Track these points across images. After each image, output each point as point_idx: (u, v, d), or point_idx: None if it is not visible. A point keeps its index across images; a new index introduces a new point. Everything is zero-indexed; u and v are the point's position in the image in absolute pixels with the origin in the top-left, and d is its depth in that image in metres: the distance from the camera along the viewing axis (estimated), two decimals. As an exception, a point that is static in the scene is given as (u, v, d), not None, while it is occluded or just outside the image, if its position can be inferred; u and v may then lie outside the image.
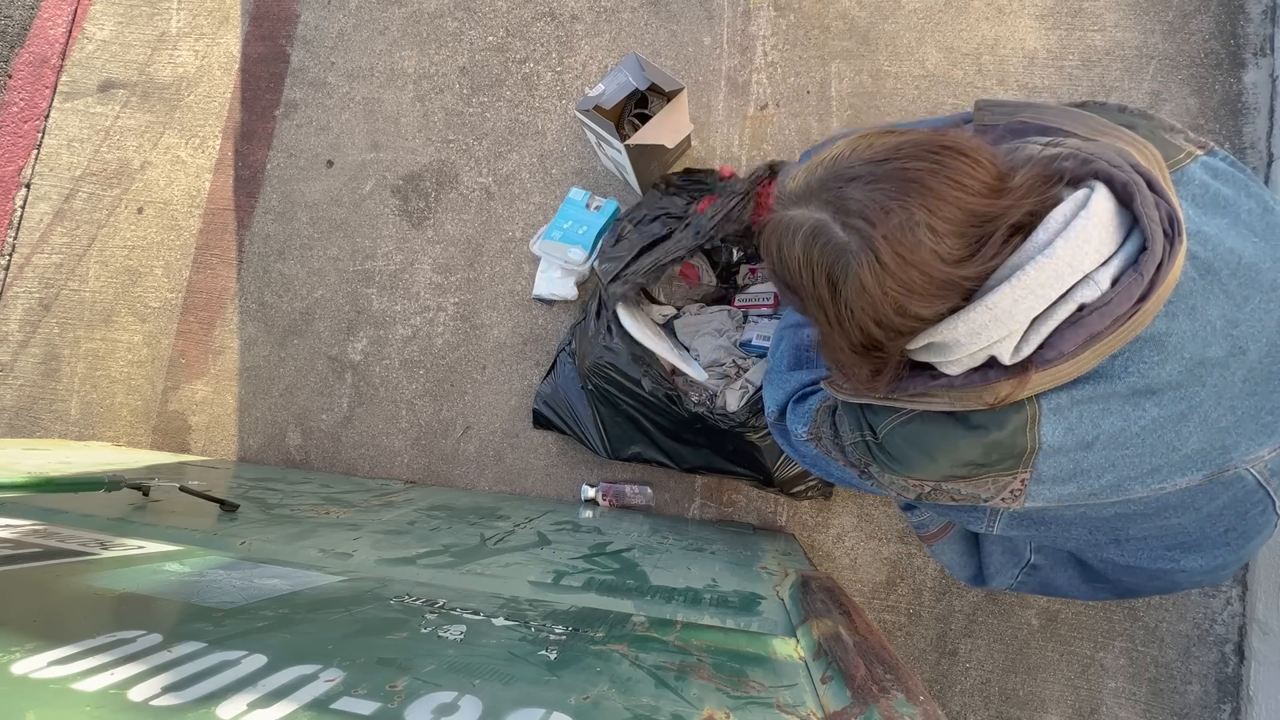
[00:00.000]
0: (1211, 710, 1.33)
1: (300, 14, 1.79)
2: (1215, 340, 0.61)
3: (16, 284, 1.75)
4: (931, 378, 0.66)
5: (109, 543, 0.80)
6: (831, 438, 0.82)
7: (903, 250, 0.56)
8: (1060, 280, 0.56)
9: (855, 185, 0.58)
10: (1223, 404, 0.62)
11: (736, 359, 1.36)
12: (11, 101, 1.81)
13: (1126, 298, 0.56)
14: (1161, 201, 0.58)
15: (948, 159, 0.57)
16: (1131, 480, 0.65)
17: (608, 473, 1.52)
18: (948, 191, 0.56)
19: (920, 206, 0.56)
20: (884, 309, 0.59)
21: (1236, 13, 1.50)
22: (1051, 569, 0.93)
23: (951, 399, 0.65)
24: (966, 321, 0.58)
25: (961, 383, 0.63)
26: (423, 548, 0.95)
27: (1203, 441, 0.63)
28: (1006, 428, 0.64)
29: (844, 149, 0.62)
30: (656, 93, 1.42)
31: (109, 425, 1.68)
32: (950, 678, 1.38)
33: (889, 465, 0.74)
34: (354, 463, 1.60)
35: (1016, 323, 0.57)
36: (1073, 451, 0.64)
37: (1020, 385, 0.60)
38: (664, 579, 0.91)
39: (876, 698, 0.53)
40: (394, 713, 0.46)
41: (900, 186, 0.56)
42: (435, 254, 1.65)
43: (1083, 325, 0.57)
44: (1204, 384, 0.61)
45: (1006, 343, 0.59)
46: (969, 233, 0.57)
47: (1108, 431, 0.62)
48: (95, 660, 0.49)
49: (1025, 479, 0.66)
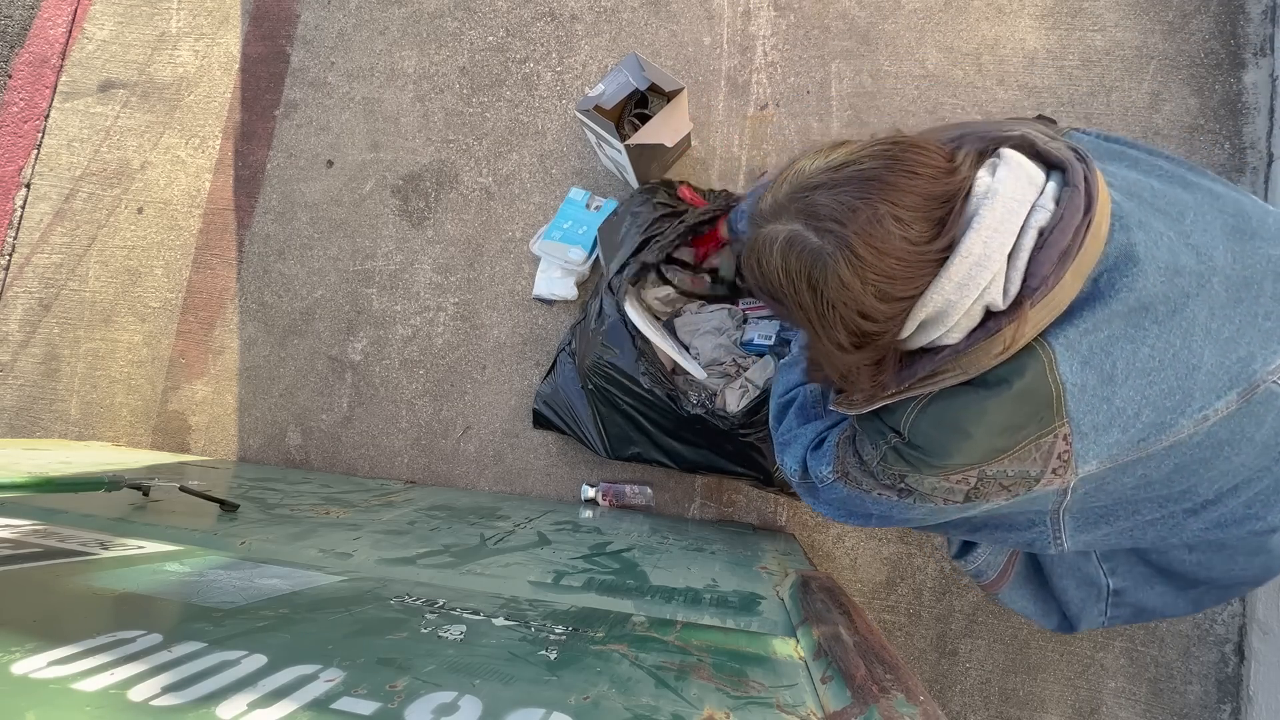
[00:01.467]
0: (1211, 710, 1.33)
1: (300, 14, 1.79)
2: (1179, 249, 0.65)
3: (16, 284, 1.75)
4: (934, 353, 0.66)
5: (109, 543, 0.80)
6: (858, 465, 0.80)
7: (874, 242, 0.60)
8: (1013, 214, 0.61)
9: (820, 192, 0.62)
10: (1216, 314, 0.65)
11: (736, 358, 1.36)
12: (11, 101, 1.81)
13: (1074, 209, 0.61)
14: (1058, 140, 0.66)
15: (899, 152, 0.62)
16: (1171, 412, 0.65)
17: (608, 473, 1.52)
18: (904, 182, 0.61)
19: (883, 200, 0.60)
20: (867, 300, 0.62)
21: (1236, 13, 1.50)
22: (1137, 589, 0.89)
23: (963, 366, 0.66)
24: (950, 276, 0.61)
25: (966, 344, 0.64)
26: (423, 548, 0.95)
27: (1216, 355, 0.65)
28: (1026, 374, 0.64)
29: (804, 164, 0.66)
30: (656, 93, 1.42)
31: (109, 425, 1.68)
32: (950, 678, 1.38)
33: (923, 461, 0.71)
34: (354, 463, 1.60)
35: (995, 263, 0.61)
36: (1099, 388, 0.64)
37: (1021, 322, 0.62)
38: (664, 579, 0.91)
39: (876, 698, 0.53)
40: (394, 713, 0.46)
41: (861, 186, 0.61)
42: (435, 254, 1.65)
43: (1050, 244, 0.61)
44: (1188, 295, 0.64)
45: (995, 285, 0.61)
46: (933, 214, 0.61)
47: (1123, 359, 0.64)
48: (95, 660, 0.49)
49: (1066, 434, 0.65)
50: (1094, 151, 0.72)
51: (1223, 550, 0.79)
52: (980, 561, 1.01)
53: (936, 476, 0.72)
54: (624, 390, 1.32)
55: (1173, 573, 0.85)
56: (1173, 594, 0.87)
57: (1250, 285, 0.66)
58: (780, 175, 0.68)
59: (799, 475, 0.90)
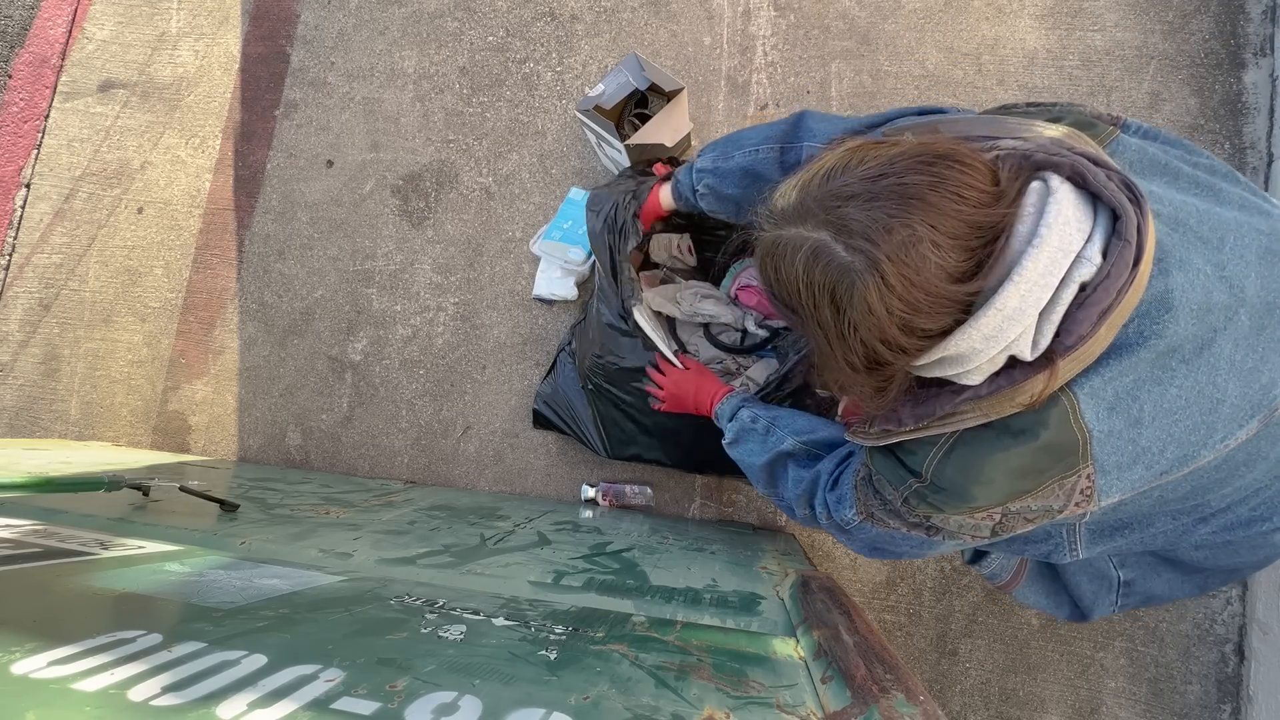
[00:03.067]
0: (1211, 710, 1.33)
1: (300, 14, 1.79)
2: (1214, 286, 0.62)
3: (16, 284, 1.75)
4: (954, 393, 0.64)
5: (109, 543, 0.80)
6: (881, 507, 0.78)
7: (907, 269, 0.56)
8: (1057, 265, 0.56)
9: (854, 204, 0.57)
10: (1240, 346, 0.63)
11: (736, 357, 1.36)
12: (11, 101, 1.81)
13: (1123, 264, 0.57)
14: (1112, 173, 0.59)
15: (945, 170, 0.57)
16: (1195, 446, 0.64)
17: (608, 473, 1.52)
18: (948, 205, 0.56)
19: (922, 222, 0.55)
20: (890, 329, 0.58)
21: (1236, 13, 1.50)
22: (1145, 579, 0.89)
23: (984, 410, 0.63)
24: (979, 328, 0.57)
25: (988, 391, 0.62)
26: (423, 548, 0.95)
27: (1240, 387, 0.63)
28: (1051, 425, 0.62)
29: (835, 164, 0.61)
30: (656, 93, 1.42)
31: (109, 425, 1.68)
32: (950, 678, 1.38)
33: (948, 504, 0.69)
34: (354, 463, 1.60)
35: (1028, 318, 0.57)
36: (1125, 431, 0.63)
37: (1052, 377, 0.59)
38: (664, 579, 0.91)
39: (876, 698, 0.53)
40: (394, 713, 0.46)
41: (901, 203, 0.56)
42: (435, 254, 1.65)
43: (1091, 303, 0.57)
44: (1216, 331, 0.62)
45: (1023, 339, 0.58)
46: (971, 244, 0.57)
47: (1150, 402, 0.62)
48: (95, 660, 0.49)
49: (1090, 474, 0.64)
50: (1136, 165, 0.69)
51: (1229, 547, 0.80)
52: (995, 566, 1.01)
53: (962, 515, 0.70)
54: (624, 390, 1.32)
55: (1179, 562, 0.86)
56: (1179, 580, 0.88)
57: (1273, 311, 0.65)
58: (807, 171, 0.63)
59: (825, 518, 0.88)
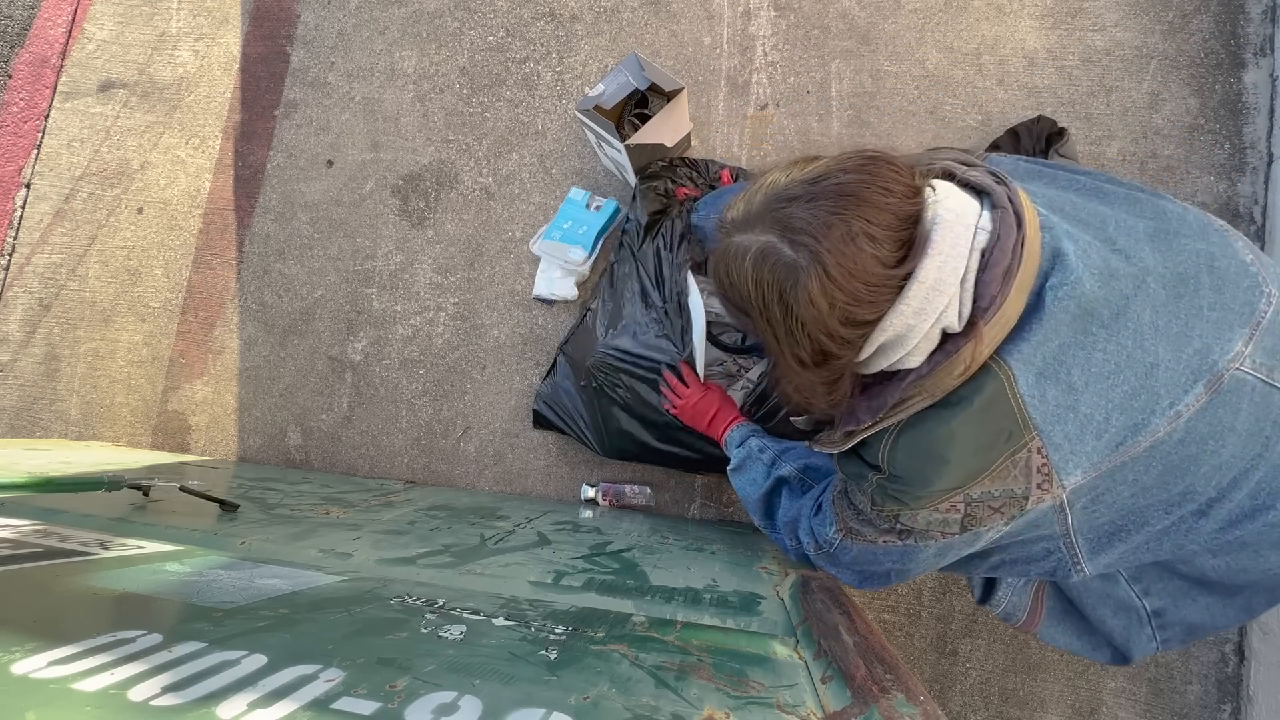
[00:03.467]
0: (1211, 710, 1.33)
1: (300, 14, 1.79)
2: (1109, 256, 0.68)
3: (16, 284, 1.75)
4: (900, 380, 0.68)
5: (109, 543, 0.80)
6: (855, 516, 0.81)
7: (846, 260, 0.61)
8: (960, 237, 0.63)
9: (797, 204, 0.63)
10: (1160, 312, 0.67)
11: (737, 358, 1.36)
12: (11, 101, 1.81)
13: (1008, 227, 0.64)
14: (978, 167, 0.69)
15: (874, 168, 0.63)
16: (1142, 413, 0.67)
17: (608, 473, 1.52)
18: (880, 199, 0.62)
19: (857, 216, 0.61)
20: (832, 322, 0.63)
21: (1236, 13, 1.50)
22: (1178, 607, 0.85)
23: (929, 390, 0.67)
24: (907, 303, 0.62)
25: (929, 368, 0.66)
26: (423, 548, 0.95)
27: (1171, 351, 0.67)
28: (986, 389, 0.66)
29: (778, 175, 0.67)
30: (656, 93, 1.42)
31: (109, 425, 1.68)
32: (950, 678, 1.38)
33: (907, 493, 0.72)
34: (354, 463, 1.60)
35: (950, 287, 0.62)
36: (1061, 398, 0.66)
37: (978, 341, 0.64)
38: (664, 579, 0.91)
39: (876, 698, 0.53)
40: (394, 713, 0.46)
41: (838, 201, 0.61)
42: (435, 254, 1.65)
43: (994, 263, 0.63)
44: (1128, 297, 0.67)
45: (950, 309, 0.63)
46: (901, 234, 0.62)
47: (1079, 367, 0.66)
48: (95, 660, 0.49)
49: (1039, 447, 0.67)
50: (1013, 172, 0.75)
51: (1247, 548, 0.76)
52: (1006, 604, 0.98)
53: (926, 509, 0.73)
54: (625, 389, 1.32)
55: (1208, 582, 0.81)
56: (1219, 604, 0.83)
57: (1186, 280, 0.69)
58: (753, 186, 0.69)
59: (814, 548, 0.91)
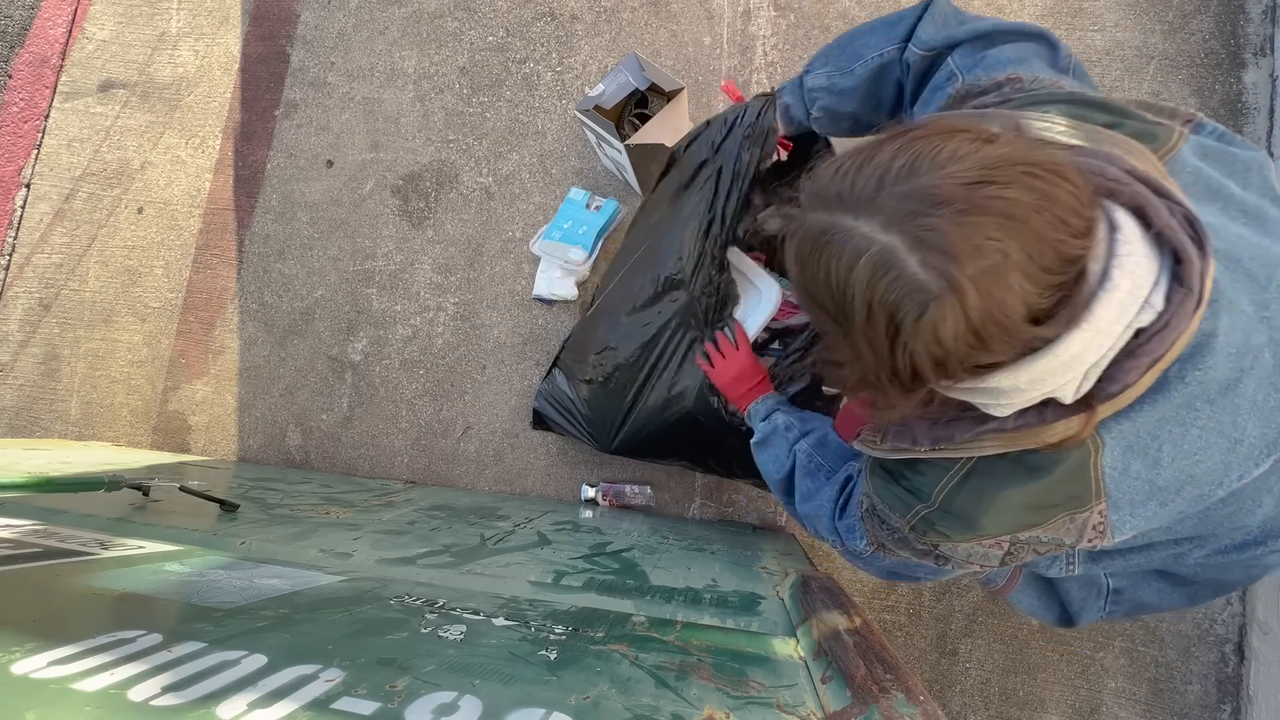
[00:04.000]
0: (1211, 710, 1.33)
1: (300, 14, 1.79)
2: (1254, 328, 0.58)
3: (16, 284, 1.75)
4: (976, 421, 0.60)
5: (109, 543, 0.80)
6: (890, 537, 0.74)
7: (991, 301, 0.48)
8: (1126, 312, 0.50)
9: (944, 212, 0.48)
10: (1263, 385, 0.60)
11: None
12: (11, 101, 1.81)
13: (1183, 314, 0.51)
14: (1175, 206, 0.54)
15: (1051, 188, 0.48)
16: (1211, 485, 0.62)
17: (608, 472, 1.52)
18: (1049, 232, 0.47)
19: (1019, 249, 0.47)
20: (946, 358, 0.51)
21: (1236, 13, 1.50)
22: (1135, 588, 0.88)
23: (1004, 442, 0.59)
24: (1029, 371, 0.52)
25: (1014, 425, 0.58)
26: (423, 548, 0.95)
27: (1259, 427, 0.60)
28: (1069, 461, 0.59)
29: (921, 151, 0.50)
30: (656, 93, 1.42)
31: (109, 425, 1.68)
32: (950, 678, 1.38)
33: (956, 531, 0.66)
34: (354, 463, 1.60)
35: (1084, 365, 0.52)
36: (1143, 472, 0.60)
37: (1088, 423, 0.55)
38: (664, 579, 0.91)
39: (876, 698, 0.53)
40: (394, 713, 0.46)
41: (1001, 222, 0.47)
42: (435, 254, 1.65)
43: (1144, 352, 0.52)
44: (1243, 371, 0.58)
45: (1069, 385, 0.53)
46: (1055, 280, 0.49)
47: (1170, 443, 0.59)
48: (95, 660, 0.49)
49: (1102, 510, 0.61)
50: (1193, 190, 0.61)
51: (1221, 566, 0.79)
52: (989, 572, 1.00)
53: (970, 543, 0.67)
54: (625, 388, 1.32)
55: (1170, 573, 0.86)
56: (1169, 590, 0.87)
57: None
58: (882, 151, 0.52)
59: (840, 548, 0.87)
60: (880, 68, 0.91)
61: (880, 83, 0.92)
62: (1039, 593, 0.98)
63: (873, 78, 0.92)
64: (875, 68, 0.91)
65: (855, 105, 0.96)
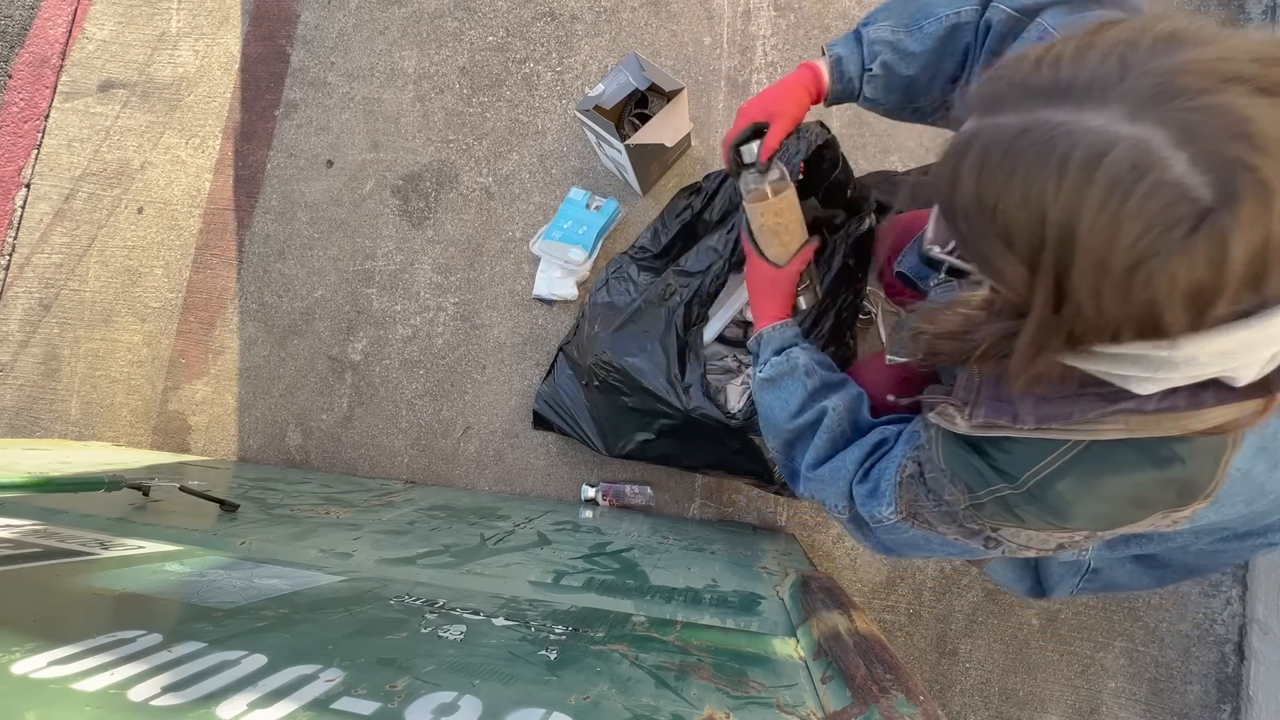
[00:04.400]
0: (1211, 710, 1.33)
1: (300, 14, 1.79)
2: None
3: (16, 284, 1.75)
4: (1106, 400, 0.49)
5: (109, 543, 0.80)
6: (935, 509, 0.66)
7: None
8: None
9: (1231, 90, 0.35)
10: None
11: (738, 353, 1.36)
12: (11, 101, 1.81)
13: None
14: None
15: None
16: None
17: (608, 472, 1.52)
18: None
19: None
20: (1216, 297, 0.38)
21: (1236, 13, 1.50)
22: (1111, 570, 0.84)
23: (1132, 426, 0.49)
24: (1220, 342, 0.40)
25: (1156, 407, 0.47)
26: (423, 548, 0.95)
27: None
28: (1205, 454, 0.50)
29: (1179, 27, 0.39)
30: (656, 93, 1.42)
31: (109, 425, 1.68)
32: (950, 678, 1.38)
33: (1037, 518, 0.58)
34: (354, 463, 1.60)
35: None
36: (1264, 473, 0.55)
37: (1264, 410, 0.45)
38: (664, 579, 0.91)
39: (876, 698, 0.53)
40: (394, 713, 0.46)
41: None
42: (435, 254, 1.65)
43: None
44: None
45: (1256, 364, 0.43)
46: None
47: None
48: (95, 660, 0.49)
49: (1198, 508, 0.54)
50: None
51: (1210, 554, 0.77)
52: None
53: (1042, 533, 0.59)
54: (624, 388, 1.32)
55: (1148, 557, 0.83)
56: (1140, 572, 0.84)
57: None
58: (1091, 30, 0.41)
59: (846, 512, 0.77)
60: (953, 28, 0.76)
61: (947, 46, 0.78)
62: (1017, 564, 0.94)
63: (943, 38, 0.77)
64: (948, 27, 0.77)
65: (917, 69, 0.80)
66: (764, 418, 0.88)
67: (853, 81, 0.85)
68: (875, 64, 0.82)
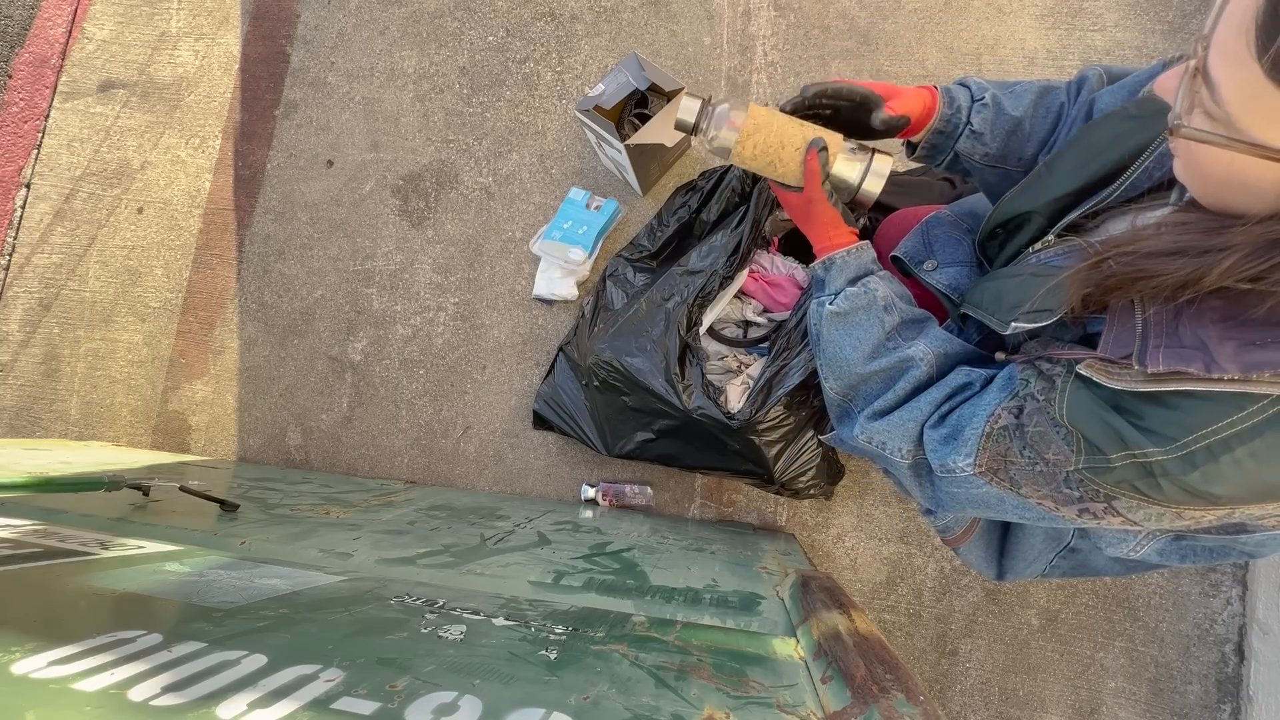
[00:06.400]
0: (1211, 710, 1.33)
1: (300, 14, 1.79)
2: None
3: (16, 284, 1.75)
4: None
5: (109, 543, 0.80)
6: (1032, 468, 0.57)
7: None
8: None
9: None
10: None
11: (738, 354, 1.36)
12: (11, 101, 1.81)
13: None
14: None
15: None
16: None
17: (608, 472, 1.52)
18: None
19: None
20: None
21: None
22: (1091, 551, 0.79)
23: None
24: None
25: None
26: (423, 548, 0.95)
27: None
28: None
29: None
30: (656, 93, 1.42)
31: (109, 425, 1.68)
32: (950, 678, 1.38)
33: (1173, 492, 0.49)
34: (354, 463, 1.60)
35: None
36: None
37: None
38: (664, 579, 0.91)
39: (876, 698, 0.53)
40: (394, 713, 0.46)
41: None
42: (435, 254, 1.65)
43: None
44: None
45: None
46: None
47: None
48: (95, 660, 0.49)
49: None
50: None
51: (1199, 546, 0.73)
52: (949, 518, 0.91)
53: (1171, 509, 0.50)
54: (625, 388, 1.32)
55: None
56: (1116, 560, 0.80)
57: None
58: None
59: (909, 458, 0.69)
60: (1045, 88, 0.80)
61: (1041, 103, 0.79)
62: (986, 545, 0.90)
63: (1038, 94, 0.79)
64: (1041, 87, 0.80)
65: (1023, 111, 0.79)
66: (829, 355, 0.78)
67: (961, 110, 0.81)
68: (986, 95, 0.80)
